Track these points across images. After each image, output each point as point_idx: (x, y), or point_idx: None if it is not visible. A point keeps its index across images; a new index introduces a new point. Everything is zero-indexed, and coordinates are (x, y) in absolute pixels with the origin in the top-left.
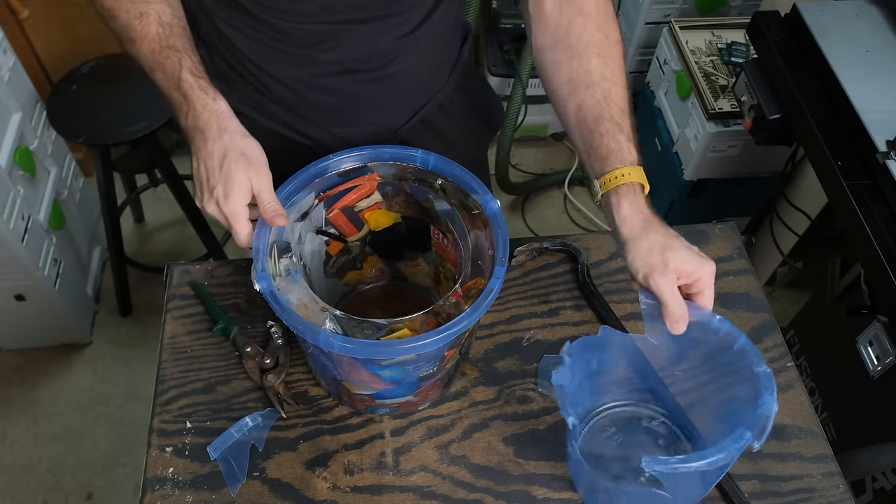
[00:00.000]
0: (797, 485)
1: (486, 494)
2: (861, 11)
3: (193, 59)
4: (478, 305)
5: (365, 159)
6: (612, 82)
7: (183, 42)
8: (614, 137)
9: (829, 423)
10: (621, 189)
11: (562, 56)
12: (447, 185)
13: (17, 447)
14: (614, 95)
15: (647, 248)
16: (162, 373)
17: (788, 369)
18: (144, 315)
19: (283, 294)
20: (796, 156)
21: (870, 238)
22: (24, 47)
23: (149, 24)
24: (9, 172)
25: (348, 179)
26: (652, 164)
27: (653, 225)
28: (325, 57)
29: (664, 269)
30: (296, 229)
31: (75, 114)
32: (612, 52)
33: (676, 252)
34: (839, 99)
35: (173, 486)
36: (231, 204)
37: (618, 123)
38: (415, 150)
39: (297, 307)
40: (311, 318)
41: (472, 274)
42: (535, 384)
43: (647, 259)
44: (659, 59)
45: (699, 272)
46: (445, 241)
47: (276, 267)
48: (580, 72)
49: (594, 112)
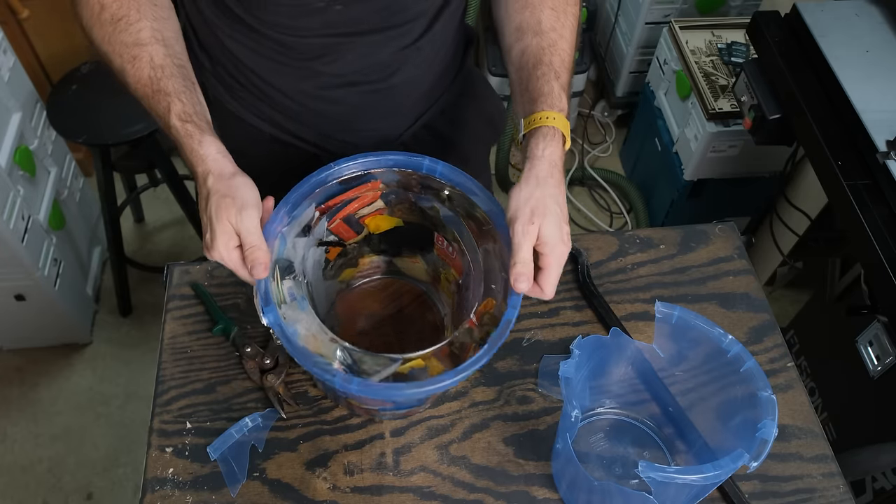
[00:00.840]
0: (797, 485)
1: (486, 495)
2: (861, 11)
3: (183, 100)
4: (495, 341)
5: (368, 166)
6: (560, 35)
7: (174, 84)
8: (548, 82)
9: (829, 423)
10: (543, 129)
11: (515, 6)
12: (454, 194)
13: (17, 447)
14: (559, 47)
15: (526, 197)
16: (162, 373)
17: (788, 369)
18: (144, 315)
19: (290, 324)
20: (796, 156)
21: (870, 238)
22: (24, 47)
23: (141, 69)
24: (9, 172)
25: (350, 188)
26: (652, 164)
27: (549, 181)
28: (327, 70)
29: (528, 225)
30: (297, 246)
31: (75, 114)
32: (566, 10)
33: (547, 217)
34: (839, 99)
35: (173, 487)
36: (218, 250)
37: (555, 71)
38: (421, 157)
39: (306, 338)
40: (320, 349)
41: (483, 294)
42: (536, 384)
43: (521, 205)
44: (659, 59)
45: (550, 249)
46: (451, 248)
47: (280, 290)
48: (531, 20)
49: (536, 56)
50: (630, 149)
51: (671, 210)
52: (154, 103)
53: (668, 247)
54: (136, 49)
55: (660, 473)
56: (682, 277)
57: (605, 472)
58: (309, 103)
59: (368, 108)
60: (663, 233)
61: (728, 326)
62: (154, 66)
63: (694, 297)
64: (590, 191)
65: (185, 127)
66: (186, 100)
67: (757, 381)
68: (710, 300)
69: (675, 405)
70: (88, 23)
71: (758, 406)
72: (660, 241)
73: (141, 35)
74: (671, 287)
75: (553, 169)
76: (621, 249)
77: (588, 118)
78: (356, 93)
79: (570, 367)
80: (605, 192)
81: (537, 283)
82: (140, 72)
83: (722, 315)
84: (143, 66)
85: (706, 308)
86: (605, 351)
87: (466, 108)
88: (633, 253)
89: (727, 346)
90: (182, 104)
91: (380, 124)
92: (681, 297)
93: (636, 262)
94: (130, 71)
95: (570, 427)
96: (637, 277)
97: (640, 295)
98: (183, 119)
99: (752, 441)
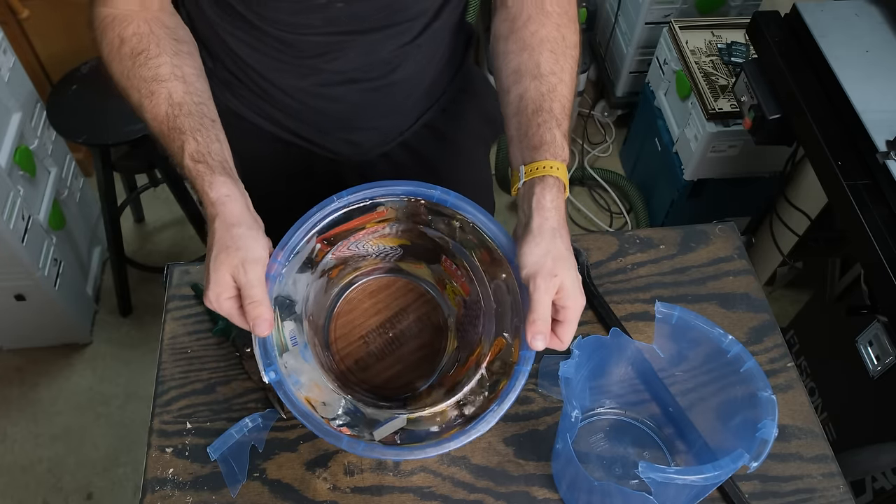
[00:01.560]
0: (797, 485)
1: (486, 495)
2: (861, 11)
3: (198, 139)
4: (504, 395)
5: (374, 196)
6: (559, 79)
7: (191, 122)
8: (550, 130)
9: (829, 423)
10: (548, 180)
11: (514, 47)
12: (465, 224)
13: (17, 447)
14: (559, 92)
15: (545, 251)
16: (162, 373)
17: (788, 369)
18: (144, 315)
19: (292, 375)
20: (796, 156)
21: (870, 238)
22: (24, 47)
23: (158, 105)
24: (9, 172)
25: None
26: (652, 164)
27: (561, 233)
28: (328, 67)
29: (550, 278)
30: (299, 283)
31: (75, 114)
32: (566, 53)
33: (567, 271)
34: (839, 99)
35: (173, 487)
36: (209, 301)
37: (556, 118)
38: (432, 188)
39: (309, 388)
40: (323, 397)
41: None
42: (536, 384)
43: (540, 259)
44: (659, 59)
45: (572, 302)
46: (459, 272)
47: (281, 333)
48: (529, 63)
49: (536, 102)
50: (630, 149)
51: (671, 210)
52: (169, 141)
53: (668, 247)
54: (155, 85)
55: (660, 474)
56: (682, 277)
57: (605, 473)
58: (309, 101)
59: (369, 106)
60: (663, 233)
61: (728, 326)
62: (172, 103)
63: (694, 297)
64: (590, 191)
65: (197, 167)
66: (202, 139)
67: (757, 382)
68: (710, 300)
69: (675, 405)
70: (108, 57)
71: (758, 406)
72: (660, 241)
73: (160, 70)
74: (671, 287)
75: (562, 220)
76: (621, 249)
77: (588, 118)
78: (356, 90)
79: (570, 367)
80: (605, 192)
81: (555, 335)
82: (157, 108)
83: (722, 315)
84: (160, 103)
85: (706, 308)
86: (605, 351)
87: (467, 106)
88: (633, 253)
89: (727, 346)
90: (196, 143)
91: (380, 122)
92: (681, 298)
93: (636, 263)
94: (148, 107)
95: (570, 427)
96: (637, 277)
97: (640, 295)
98: (195, 159)
99: (752, 441)
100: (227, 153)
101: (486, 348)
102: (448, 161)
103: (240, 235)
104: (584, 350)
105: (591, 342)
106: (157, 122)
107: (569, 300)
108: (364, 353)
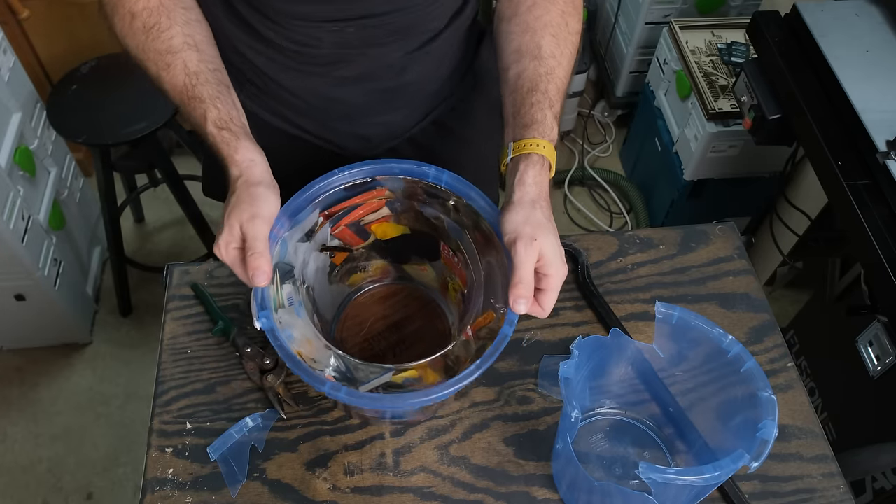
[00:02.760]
0: (797, 485)
1: (487, 495)
2: (861, 11)
3: (219, 106)
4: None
5: (373, 173)
6: (558, 62)
7: (210, 90)
8: (542, 110)
9: (829, 423)
10: (532, 157)
11: (517, 28)
12: (459, 204)
13: (17, 447)
14: (556, 75)
15: (524, 218)
16: (162, 373)
17: (788, 369)
18: (144, 315)
19: (285, 329)
20: (796, 156)
21: (870, 238)
22: (24, 47)
23: (175, 76)
24: (9, 172)
25: (355, 194)
26: (652, 164)
27: (541, 204)
28: (337, 74)
29: (530, 242)
30: (299, 250)
31: (75, 114)
32: (567, 39)
33: (546, 237)
34: (839, 99)
35: (173, 487)
36: (218, 246)
37: (550, 100)
38: (427, 167)
39: (300, 343)
40: (314, 354)
41: (483, 308)
42: (536, 385)
43: (519, 226)
44: (659, 59)
45: (554, 270)
46: (455, 258)
47: (279, 294)
48: (531, 45)
49: (532, 82)
50: (630, 149)
51: (671, 210)
52: (190, 110)
53: (668, 247)
54: (170, 56)
55: (660, 475)
56: (682, 277)
57: (605, 473)
58: (316, 100)
59: (376, 104)
60: (663, 233)
61: (728, 326)
62: (188, 72)
63: (694, 297)
64: (590, 191)
65: (222, 134)
66: (222, 105)
67: (757, 382)
68: (710, 300)
69: (675, 405)
70: (122, 32)
71: (758, 406)
72: (660, 241)
73: (173, 42)
74: (671, 287)
75: (542, 193)
76: (621, 249)
77: (588, 118)
78: (364, 90)
79: (570, 367)
80: (605, 192)
81: (537, 302)
82: (175, 79)
83: (722, 315)
84: (177, 74)
85: (706, 308)
86: (604, 351)
87: (476, 102)
88: (633, 253)
89: (727, 346)
90: (217, 111)
91: (388, 118)
92: (681, 298)
93: (636, 263)
94: (166, 78)
95: (570, 427)
96: (637, 277)
97: (640, 295)
98: (219, 126)
99: (752, 441)
100: (244, 118)
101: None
102: (455, 156)
103: (258, 194)
104: (584, 350)
105: (591, 342)
106: (177, 92)
107: (550, 268)
108: (369, 355)
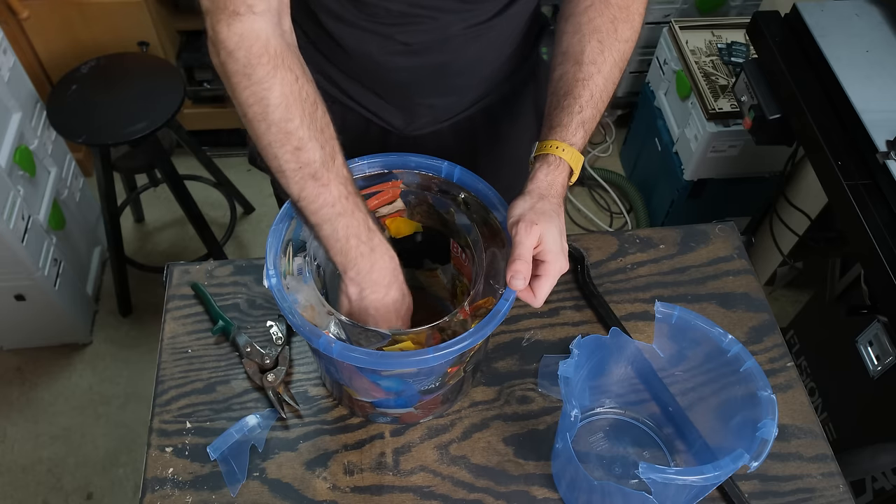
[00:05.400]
0: (797, 485)
1: (486, 494)
2: (861, 11)
3: (361, 208)
4: (483, 326)
5: (390, 165)
6: (598, 70)
7: (357, 199)
8: (570, 114)
9: (829, 423)
10: (550, 159)
11: (569, 29)
12: (470, 200)
13: (17, 447)
14: (593, 83)
15: (529, 205)
16: (162, 373)
17: (788, 369)
18: (144, 315)
19: (291, 293)
20: (796, 156)
21: (870, 238)
22: (24, 47)
23: (330, 190)
24: (9, 172)
25: (372, 184)
26: (652, 164)
27: (549, 199)
28: (398, 37)
29: (531, 225)
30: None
31: (75, 114)
32: (613, 46)
33: (548, 225)
34: (839, 99)
35: (173, 487)
36: None
37: (580, 105)
38: (440, 161)
39: (304, 308)
40: (315, 320)
41: (483, 292)
42: (535, 384)
43: (523, 211)
44: (659, 59)
45: (552, 258)
46: (464, 255)
47: (290, 265)
48: (576, 48)
49: (568, 86)
50: (630, 149)
51: (671, 210)
52: (347, 213)
53: (667, 247)
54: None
55: (660, 474)
56: (681, 277)
57: (605, 472)
58: (370, 65)
59: (428, 82)
60: (663, 233)
61: (728, 326)
62: (342, 181)
63: (694, 297)
64: (590, 191)
65: (369, 230)
66: (361, 204)
67: (757, 381)
68: (710, 300)
69: (675, 405)
70: (251, 117)
71: (758, 406)
72: (660, 241)
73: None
74: (671, 287)
75: (552, 190)
76: (621, 249)
77: None
78: (418, 63)
79: (570, 366)
80: (605, 192)
81: (531, 289)
82: (329, 193)
83: (722, 315)
84: (332, 188)
85: (706, 308)
86: (604, 351)
87: (525, 99)
88: (633, 253)
89: (727, 345)
90: (364, 216)
91: (437, 101)
92: (680, 297)
93: (636, 262)
94: (312, 187)
95: (569, 427)
96: (637, 277)
97: (640, 295)
98: (371, 228)
99: (752, 441)
100: None
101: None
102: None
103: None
104: (583, 350)
105: (590, 342)
106: (329, 203)
107: (548, 255)
108: None
